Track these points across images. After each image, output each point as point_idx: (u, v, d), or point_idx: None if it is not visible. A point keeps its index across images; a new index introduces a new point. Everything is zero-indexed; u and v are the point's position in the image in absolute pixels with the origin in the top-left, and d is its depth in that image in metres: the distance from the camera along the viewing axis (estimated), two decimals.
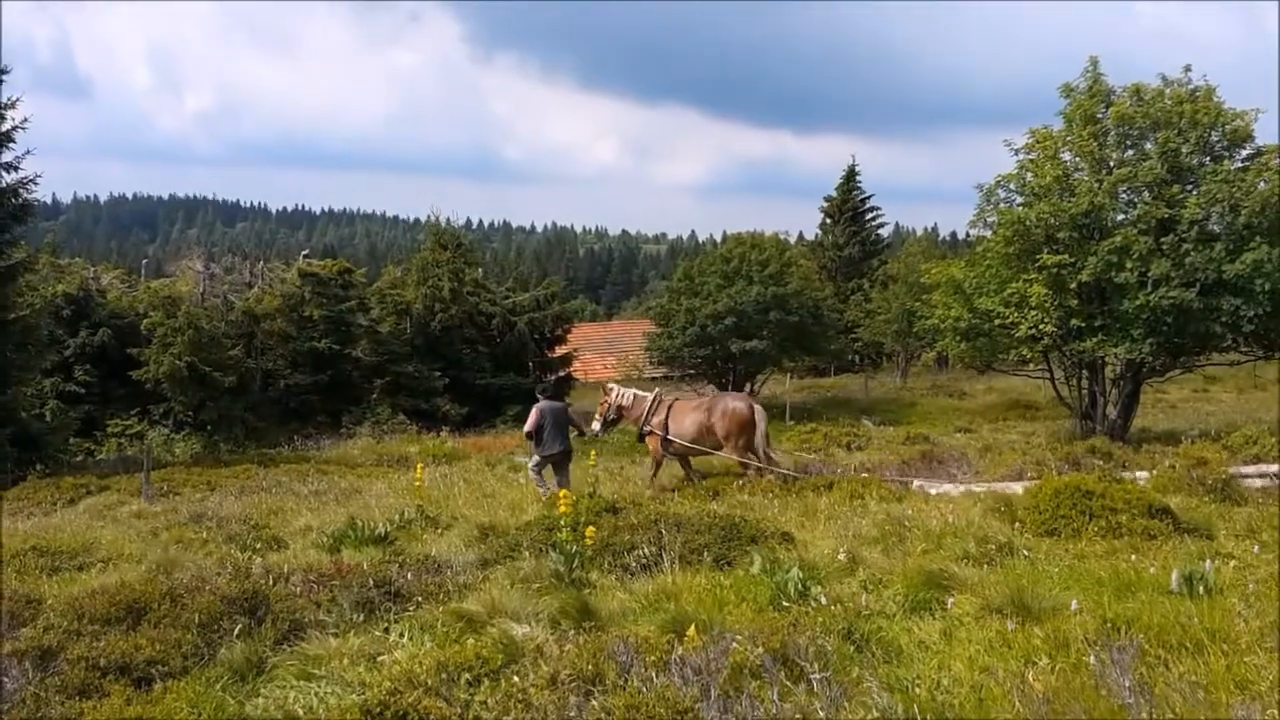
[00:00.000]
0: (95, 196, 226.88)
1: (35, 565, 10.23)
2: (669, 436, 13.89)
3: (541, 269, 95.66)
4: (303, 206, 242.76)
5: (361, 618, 6.81)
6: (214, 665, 6.22)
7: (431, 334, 33.78)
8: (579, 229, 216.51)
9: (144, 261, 45.77)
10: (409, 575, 7.60)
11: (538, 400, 13.89)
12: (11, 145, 21.75)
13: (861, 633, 5.89)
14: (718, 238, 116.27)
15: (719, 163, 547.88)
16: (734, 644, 5.26)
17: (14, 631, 6.89)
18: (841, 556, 7.97)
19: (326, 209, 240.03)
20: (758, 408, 13.98)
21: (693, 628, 5.53)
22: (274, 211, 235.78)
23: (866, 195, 54.19)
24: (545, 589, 7.19)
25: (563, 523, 7.97)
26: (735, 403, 13.97)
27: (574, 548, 7.74)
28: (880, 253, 52.89)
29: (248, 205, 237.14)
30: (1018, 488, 11.38)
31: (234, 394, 27.14)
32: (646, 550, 8.02)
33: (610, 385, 15.52)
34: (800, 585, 6.79)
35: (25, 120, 21.98)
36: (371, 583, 7.29)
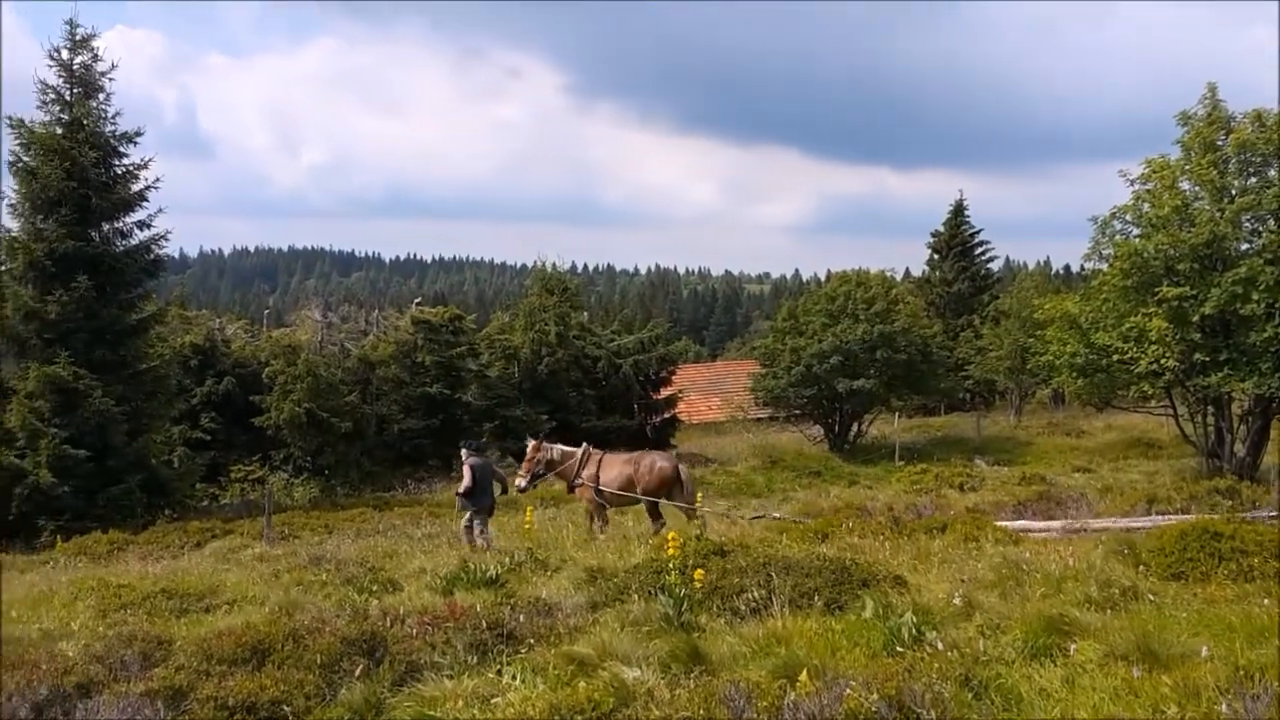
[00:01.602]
0: (220, 250, 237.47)
1: (165, 607, 10.66)
2: (599, 487, 14.78)
3: (645, 311, 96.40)
4: (414, 255, 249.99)
5: (475, 659, 6.91)
6: (335, 706, 6.39)
7: (539, 378, 34.25)
8: (681, 270, 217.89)
9: (266, 312, 47.57)
10: (520, 617, 7.69)
11: (465, 458, 14.62)
12: (144, 204, 22.95)
13: (979, 680, 5.74)
14: (821, 276, 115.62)
15: (818, 201, 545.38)
16: (848, 690, 5.19)
17: (147, 671, 7.19)
18: (956, 601, 7.79)
19: (436, 257, 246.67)
20: (683, 468, 15.10)
21: (805, 673, 5.47)
22: (387, 261, 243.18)
23: (975, 230, 53.23)
24: (655, 632, 7.19)
25: (671, 566, 7.97)
26: (662, 461, 15.06)
27: (682, 591, 7.73)
28: (990, 288, 51.76)
29: (362, 255, 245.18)
30: (1141, 529, 10.96)
31: (350, 439, 27.92)
32: (755, 593, 7.96)
33: (532, 442, 15.86)
34: (914, 630, 6.66)
35: (157, 180, 23.21)
36: (484, 625, 7.40)
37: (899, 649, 6.44)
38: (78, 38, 22.19)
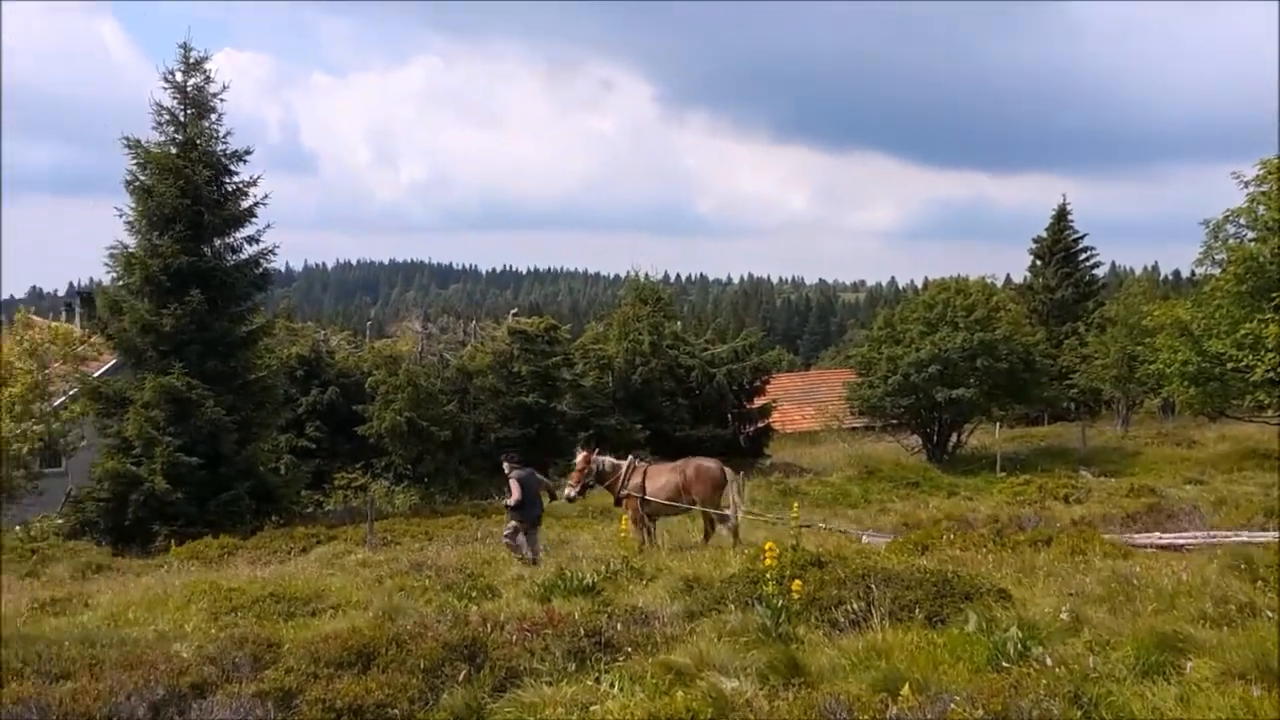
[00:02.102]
0: (323, 264, 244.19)
1: (273, 610, 10.98)
2: (646, 497, 14.72)
3: (738, 320, 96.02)
4: (510, 267, 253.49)
5: (573, 666, 6.96)
6: (437, 710, 6.49)
7: (632, 387, 34.38)
8: (775, 279, 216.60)
9: (368, 323, 48.78)
10: (618, 626, 7.71)
11: (509, 471, 14.64)
12: (253, 219, 23.78)
13: (1089, 697, 5.57)
14: (918, 284, 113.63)
15: (914, 207, 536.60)
16: (951, 705, 5.09)
17: (257, 673, 7.41)
18: (1064, 615, 7.57)
19: (532, 268, 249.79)
20: (729, 470, 15.03)
21: (907, 687, 5.38)
22: (484, 272, 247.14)
23: (1079, 234, 51.72)
24: (752, 643, 7.15)
25: (768, 576, 7.93)
26: (708, 464, 15.04)
27: (780, 602, 7.67)
28: (1095, 294, 50.23)
29: (459, 267, 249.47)
30: (1261, 542, 10.52)
31: (449, 447, 28.43)
32: (854, 605, 7.86)
33: (583, 452, 15.71)
34: (1020, 645, 6.50)
35: (265, 196, 24.02)
36: (582, 632, 7.45)
37: (1004, 664, 6.29)
38: (191, 61, 23.11)
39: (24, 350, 23.21)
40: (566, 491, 15.56)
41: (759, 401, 37.79)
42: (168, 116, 23.06)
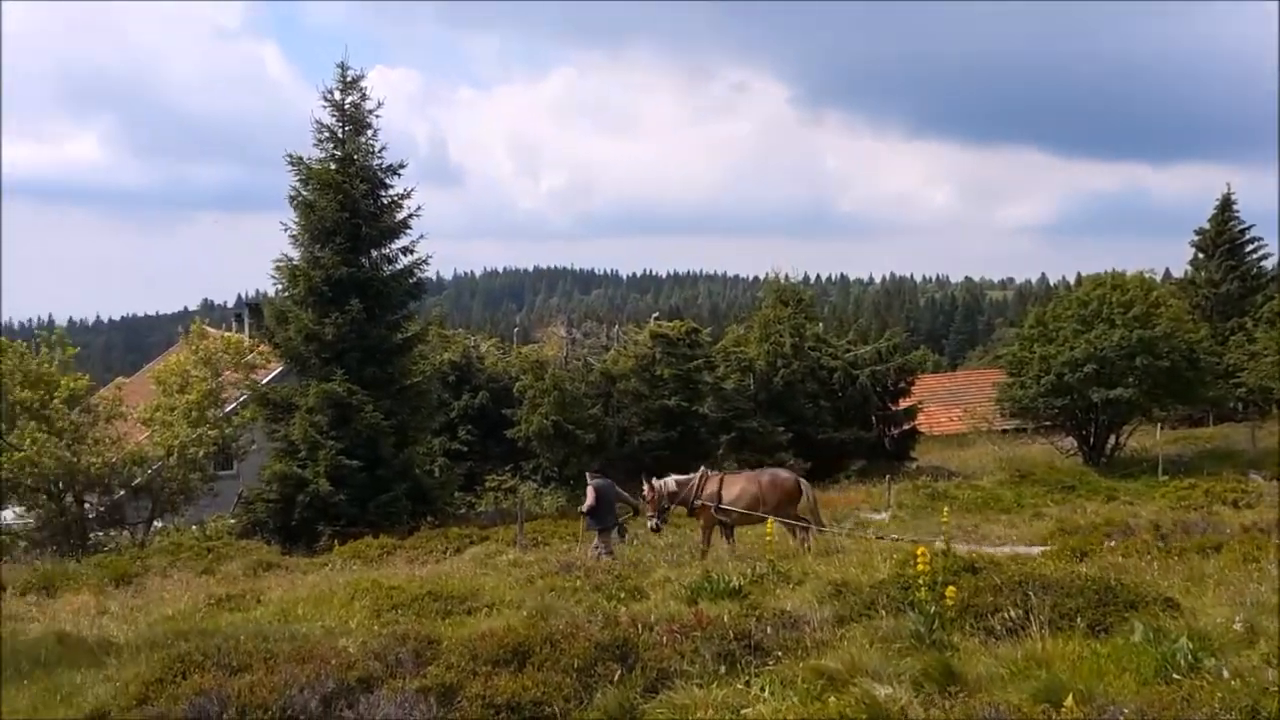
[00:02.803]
0: (471, 272, 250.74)
1: (431, 608, 11.37)
2: (722, 506, 14.98)
3: (881, 321, 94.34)
4: (650, 271, 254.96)
5: (723, 669, 7.00)
6: (591, 709, 6.63)
7: (774, 389, 34.19)
8: (918, 278, 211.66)
9: (515, 329, 49.90)
10: (767, 629, 7.72)
11: (589, 480, 15.53)
12: (408, 231, 24.67)
13: (1268, 712, 5.31)
14: (1070, 280, 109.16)
15: (1065, 201, 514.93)
16: (1120, 718, 4.93)
17: (419, 669, 7.70)
18: (1237, 626, 7.21)
19: (671, 272, 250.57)
20: (804, 481, 15.49)
21: (1070, 698, 5.24)
22: (624, 277, 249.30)
23: (1245, 225, 48.90)
24: (905, 649, 7.06)
25: (920, 582, 7.81)
26: (783, 475, 15.45)
27: (933, 608, 7.55)
28: (1264, 288, 47.31)
29: (601, 273, 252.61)
30: None
31: (593, 450, 28.84)
32: (1012, 613, 7.67)
33: (646, 485, 16.08)
34: (1190, 656, 6.23)
35: (418, 208, 24.87)
36: (731, 635, 7.49)
37: (1174, 676, 6.05)
38: (348, 79, 24.14)
39: (199, 359, 24.59)
40: (649, 524, 15.85)
41: (904, 403, 37.11)
42: (327, 133, 24.10)
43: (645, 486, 15.93)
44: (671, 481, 15.83)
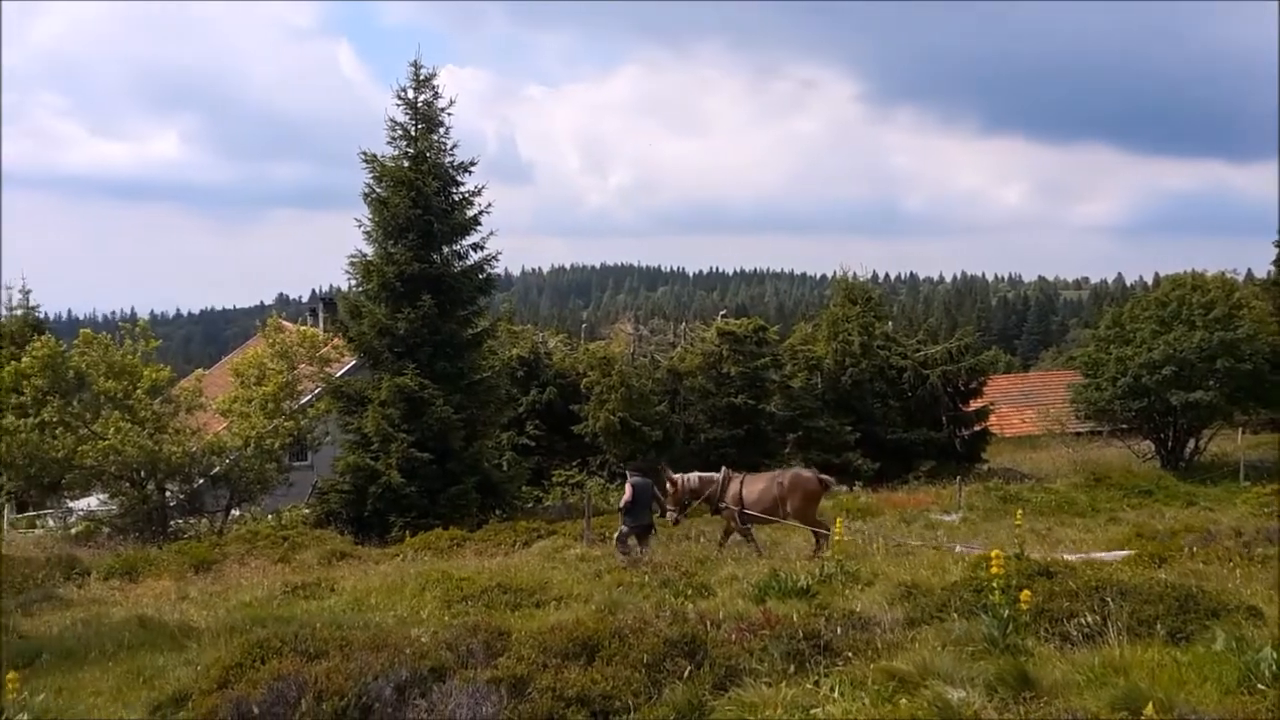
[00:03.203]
0: (539, 268, 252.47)
1: (500, 600, 11.54)
2: (744, 509, 15.19)
3: (951, 320, 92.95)
4: (717, 269, 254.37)
5: (793, 669, 6.98)
6: (660, 705, 6.65)
7: (842, 388, 33.92)
8: (990, 277, 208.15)
9: (583, 325, 50.12)
10: (837, 630, 7.69)
11: (629, 478, 15.62)
12: (478, 227, 24.91)
13: None
14: (1147, 280, 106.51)
15: (1142, 199, 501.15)
16: None
17: (490, 660, 7.80)
18: None
19: (738, 270, 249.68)
20: (827, 479, 15.73)
21: (1150, 706, 5.14)
22: (691, 275, 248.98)
23: None
24: (978, 653, 6.98)
25: (994, 585, 7.71)
26: (805, 475, 15.54)
27: (1007, 612, 7.44)
28: None
29: (667, 270, 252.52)
30: None
31: (660, 447, 28.90)
32: (1088, 619, 7.54)
33: (673, 474, 16.20)
34: (1275, 666, 6.06)
35: (488, 205, 25.11)
36: (801, 634, 7.46)
37: (1258, 686, 5.90)
38: (421, 77, 24.46)
39: (276, 352, 25.15)
40: (669, 515, 15.97)
41: (975, 404, 36.52)
42: (400, 131, 24.43)
43: (667, 480, 16.06)
44: (695, 478, 16.04)
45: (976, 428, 35.80)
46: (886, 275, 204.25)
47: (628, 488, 15.41)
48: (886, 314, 40.95)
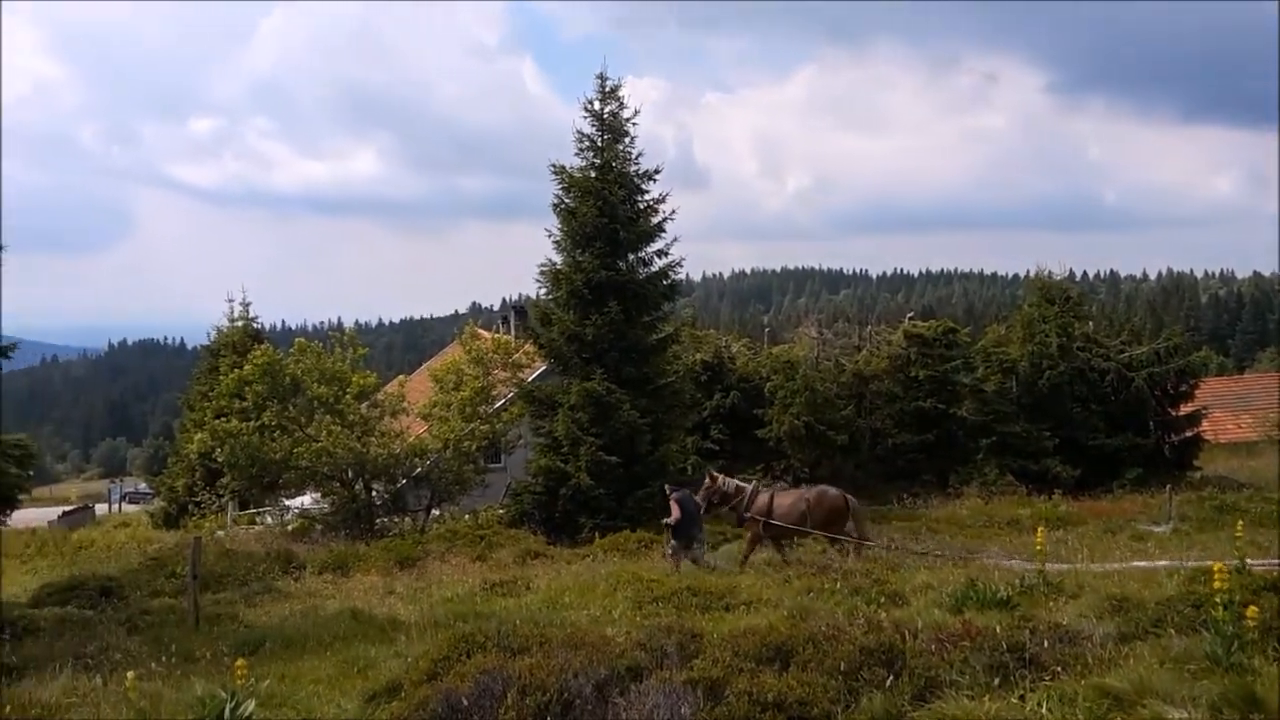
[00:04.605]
0: (719, 274, 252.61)
1: (690, 603, 11.65)
2: (772, 520, 15.67)
3: (1156, 319, 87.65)
4: (900, 270, 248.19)
5: (996, 682, 6.78)
6: (857, 713, 6.59)
7: (1039, 392, 32.55)
8: (1199, 274, 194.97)
9: (765, 330, 49.97)
10: (1043, 643, 7.41)
11: (669, 494, 15.83)
12: (662, 234, 25.19)
13: None
14: None
15: None
16: None
17: (684, 662, 7.89)
18: None
19: (924, 271, 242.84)
20: (852, 500, 16.26)
21: None
22: (874, 277, 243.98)
23: None
24: (1199, 672, 6.58)
25: (1217, 600, 7.26)
26: (832, 494, 16.12)
27: (1231, 628, 7.00)
28: None
29: (850, 273, 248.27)
30: None
31: (845, 452, 28.54)
32: None
33: (709, 475, 16.83)
34: None
35: (672, 212, 25.36)
36: (1004, 647, 7.24)
37: None
38: (607, 89, 24.96)
39: (472, 359, 26.18)
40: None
41: (1185, 408, 34.36)
42: (587, 142, 24.97)
43: (707, 478, 16.67)
44: (732, 484, 16.59)
45: (1187, 433, 33.69)
46: (1084, 273, 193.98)
47: (672, 503, 15.65)
48: (1086, 314, 39.04)
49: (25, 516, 30.60)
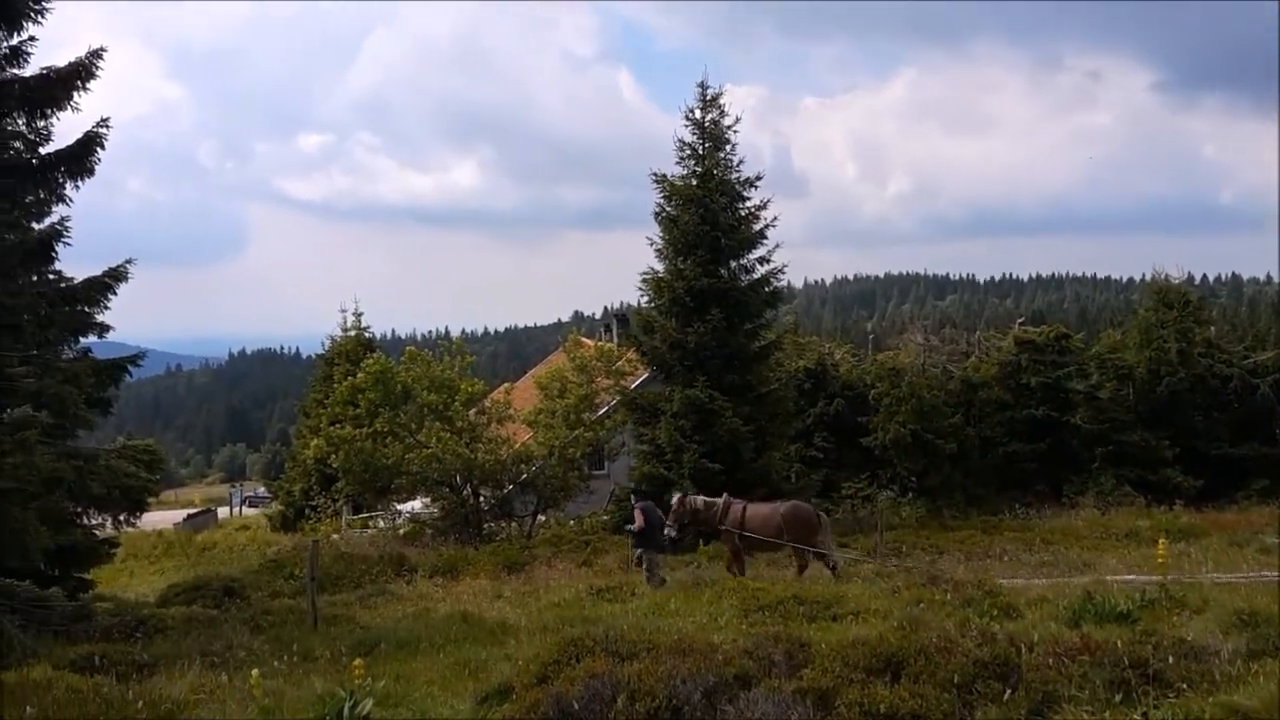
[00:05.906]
0: (821, 280, 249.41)
1: (796, 612, 11.57)
2: (745, 533, 15.87)
3: None
4: (1009, 275, 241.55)
5: (1118, 698, 6.60)
6: None
7: (1157, 399, 31.39)
8: None
9: (869, 336, 49.28)
10: (1167, 659, 7.17)
11: (634, 503, 16.19)
12: (764, 241, 25.09)
13: None
14: None
15: None
16: None
17: (793, 671, 7.84)
18: None
19: (1033, 275, 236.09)
20: (822, 515, 16.91)
21: None
22: (981, 282, 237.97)
23: None
24: None
25: None
26: (803, 508, 16.48)
27: None
28: None
29: (956, 278, 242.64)
30: None
31: (954, 460, 27.93)
32: None
33: (677, 496, 16.76)
34: None
35: (774, 219, 25.25)
36: (1126, 662, 7.03)
37: None
38: (708, 97, 25.00)
39: (575, 367, 26.49)
40: (667, 532, 16.10)
41: None
42: (688, 150, 25.03)
43: (675, 498, 16.68)
44: (700, 500, 16.67)
45: None
46: (1204, 276, 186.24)
47: (638, 514, 15.82)
48: (1207, 319, 37.54)
49: (152, 519, 31.99)
